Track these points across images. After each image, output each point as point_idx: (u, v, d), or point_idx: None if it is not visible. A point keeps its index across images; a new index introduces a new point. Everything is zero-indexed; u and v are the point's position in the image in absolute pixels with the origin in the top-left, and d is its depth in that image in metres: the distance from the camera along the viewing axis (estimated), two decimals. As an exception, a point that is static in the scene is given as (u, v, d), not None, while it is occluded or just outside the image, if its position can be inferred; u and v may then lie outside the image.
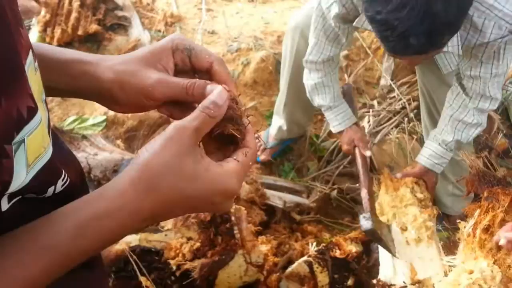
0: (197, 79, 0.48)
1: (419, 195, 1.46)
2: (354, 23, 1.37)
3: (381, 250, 1.36)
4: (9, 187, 0.36)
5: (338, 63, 1.67)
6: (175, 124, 0.42)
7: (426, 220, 1.36)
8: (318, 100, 1.64)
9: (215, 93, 0.45)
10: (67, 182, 0.46)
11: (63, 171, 0.45)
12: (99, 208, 0.40)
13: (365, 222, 1.27)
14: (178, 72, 0.52)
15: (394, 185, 1.49)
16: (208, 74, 0.51)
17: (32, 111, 0.38)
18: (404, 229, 1.37)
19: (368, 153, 1.57)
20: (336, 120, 1.62)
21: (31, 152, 0.38)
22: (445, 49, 1.26)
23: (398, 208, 1.43)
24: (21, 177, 0.37)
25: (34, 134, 0.38)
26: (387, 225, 1.40)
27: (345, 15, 1.38)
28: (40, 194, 0.42)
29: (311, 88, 1.63)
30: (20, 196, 0.40)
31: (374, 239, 1.33)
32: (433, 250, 1.32)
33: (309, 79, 1.63)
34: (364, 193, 1.45)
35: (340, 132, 1.63)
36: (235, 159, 0.44)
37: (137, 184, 0.41)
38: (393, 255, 1.33)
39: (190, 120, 0.42)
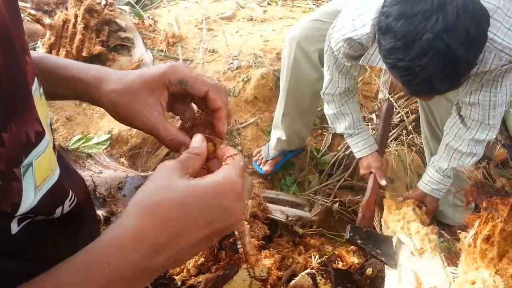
0: (179, 137, 0.52)
1: (420, 217, 1.49)
2: (360, 62, 1.39)
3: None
4: (19, 209, 0.37)
5: (356, 91, 1.71)
6: (164, 163, 0.44)
7: (429, 233, 1.37)
8: (339, 128, 1.69)
9: (194, 140, 0.49)
10: (74, 202, 0.46)
11: (70, 191, 0.46)
12: (97, 249, 0.39)
13: (346, 232, 1.39)
14: (175, 98, 0.54)
15: (397, 205, 1.52)
16: (203, 101, 0.53)
17: (40, 135, 0.39)
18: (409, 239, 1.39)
19: (383, 182, 1.61)
20: (357, 147, 1.66)
21: (39, 175, 0.39)
22: None
23: (402, 222, 1.45)
24: (29, 199, 0.38)
25: (42, 157, 0.39)
26: (388, 238, 1.43)
27: (352, 54, 1.42)
28: (48, 215, 0.43)
29: (332, 117, 1.69)
30: (30, 219, 0.41)
31: (357, 246, 1.43)
32: (437, 261, 1.33)
33: (329, 109, 1.68)
34: (362, 206, 1.50)
35: (361, 158, 1.68)
36: (225, 164, 0.45)
37: (134, 211, 0.40)
38: (382, 261, 1.37)
39: (179, 159, 0.45)
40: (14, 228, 0.39)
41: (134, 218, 0.39)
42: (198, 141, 0.49)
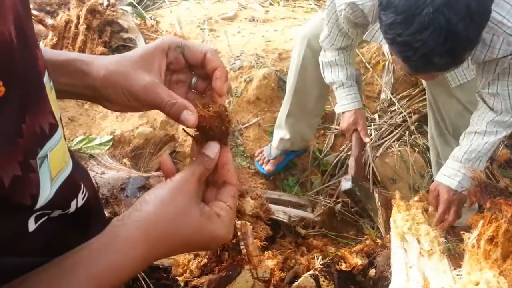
0: (178, 101, 0.50)
1: (429, 219, 1.49)
2: (364, 37, 1.40)
3: (395, 259, 1.37)
4: (38, 201, 0.38)
5: (353, 48, 1.67)
6: (181, 175, 0.47)
7: (438, 236, 1.37)
8: (330, 77, 1.64)
9: (209, 148, 0.51)
10: (86, 196, 0.48)
11: (82, 184, 0.47)
12: (113, 261, 0.41)
13: (345, 183, 1.38)
14: (173, 71, 0.54)
15: (406, 206, 1.52)
16: (202, 67, 0.53)
17: (54, 127, 0.40)
18: (418, 241, 1.39)
19: (367, 140, 1.58)
20: (346, 99, 1.61)
21: (54, 166, 0.40)
22: None
23: (410, 223, 1.45)
24: (46, 191, 0.39)
25: (56, 149, 0.40)
26: (372, 195, 1.47)
27: (353, 20, 1.40)
28: (65, 209, 0.44)
29: (324, 65, 1.64)
30: (46, 217, 0.42)
31: (353, 200, 1.44)
32: (445, 263, 1.33)
33: (324, 57, 1.64)
34: (351, 160, 1.51)
35: (345, 112, 1.62)
36: (228, 205, 0.50)
37: (150, 235, 0.43)
38: (373, 220, 1.36)
39: (192, 172, 0.48)
40: (31, 225, 0.40)
41: (147, 243, 0.43)
42: (212, 151, 0.51)
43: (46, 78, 0.41)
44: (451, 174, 1.46)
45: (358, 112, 1.60)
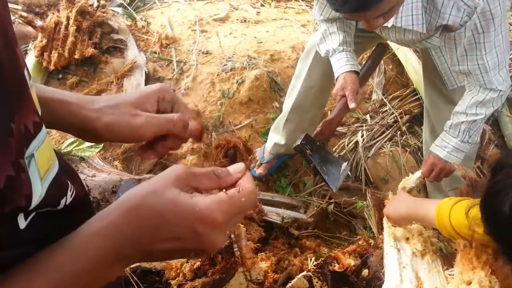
0: (179, 113, 0.57)
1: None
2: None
3: (389, 259, 1.37)
4: (32, 202, 0.38)
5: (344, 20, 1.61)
6: (175, 165, 0.45)
7: (431, 237, 1.38)
8: (324, 48, 1.59)
9: (234, 167, 0.49)
10: (74, 193, 0.48)
11: (69, 182, 0.48)
12: (78, 267, 0.40)
13: (297, 140, 1.41)
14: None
15: None
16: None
17: (38, 125, 0.40)
18: (409, 242, 1.39)
19: (352, 105, 1.48)
20: (339, 64, 1.53)
21: (41, 165, 0.40)
22: (410, 27, 1.28)
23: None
24: (38, 190, 0.39)
25: (42, 148, 0.40)
26: (337, 161, 1.49)
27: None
28: (55, 207, 0.44)
29: (319, 41, 1.61)
30: (35, 212, 0.41)
31: (305, 159, 1.45)
32: (438, 263, 1.34)
33: (318, 33, 1.62)
34: (323, 120, 1.50)
35: (337, 77, 1.53)
36: (225, 192, 0.44)
37: (119, 207, 0.41)
38: (325, 181, 1.41)
39: (192, 167, 0.46)
40: (22, 223, 0.40)
41: (111, 219, 0.41)
42: (238, 167, 0.48)
43: (27, 77, 0.41)
44: (441, 145, 1.54)
45: (347, 76, 1.49)
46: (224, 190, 0.45)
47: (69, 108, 0.53)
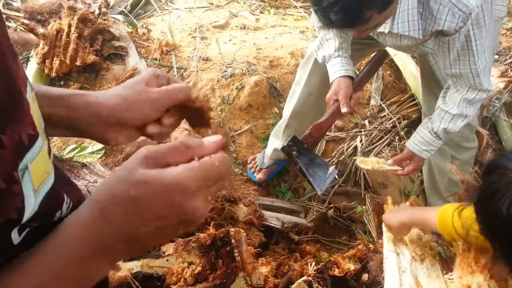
0: (181, 84, 0.59)
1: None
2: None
3: (388, 264, 1.38)
4: (24, 215, 0.38)
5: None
6: (144, 147, 0.43)
7: (429, 241, 1.39)
8: (321, 54, 1.62)
9: (206, 142, 0.46)
10: (70, 206, 0.48)
11: (65, 195, 0.47)
12: (57, 267, 0.40)
13: (284, 141, 1.44)
14: None
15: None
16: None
17: (33, 138, 0.40)
18: (409, 246, 1.40)
19: (344, 110, 1.50)
20: (334, 69, 1.56)
21: (36, 178, 0.40)
22: (406, 33, 1.31)
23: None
24: (31, 203, 0.38)
25: (36, 160, 0.40)
26: (324, 164, 1.51)
27: None
28: (49, 220, 0.44)
29: (317, 48, 1.64)
30: (29, 228, 0.42)
31: (291, 161, 1.47)
32: (437, 268, 1.35)
33: (316, 40, 1.65)
34: (314, 123, 1.51)
35: (332, 82, 1.57)
36: (197, 160, 0.43)
37: (91, 204, 0.41)
38: (310, 183, 1.44)
39: (159, 146, 0.43)
40: (16, 238, 0.39)
41: (87, 210, 0.41)
42: (212, 137, 0.45)
43: (28, 89, 0.41)
44: (418, 141, 1.59)
45: (341, 81, 1.51)
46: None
47: (85, 98, 0.54)
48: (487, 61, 1.38)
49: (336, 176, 1.52)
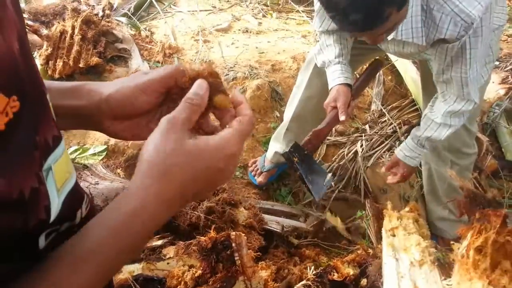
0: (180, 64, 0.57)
1: (420, 230, 1.51)
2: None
3: (387, 269, 1.39)
4: (51, 213, 0.39)
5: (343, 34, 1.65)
6: (167, 117, 0.45)
7: (429, 247, 1.40)
8: (320, 59, 1.62)
9: (195, 85, 0.50)
10: (88, 206, 0.49)
11: (84, 193, 0.49)
12: (127, 210, 0.42)
13: (286, 147, 1.46)
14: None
15: (397, 216, 1.54)
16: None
17: (57, 139, 0.41)
18: (407, 251, 1.41)
19: (342, 118, 1.52)
20: (333, 76, 1.57)
21: (59, 178, 0.41)
22: (410, 40, 1.32)
23: (402, 231, 1.48)
24: (55, 203, 0.39)
25: (59, 161, 0.41)
26: (323, 172, 1.55)
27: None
28: (72, 220, 0.45)
29: (317, 53, 1.66)
30: (56, 233, 0.42)
31: (292, 167, 1.51)
32: (436, 273, 1.36)
33: (317, 45, 1.66)
34: (313, 130, 1.54)
35: (331, 90, 1.58)
36: (228, 127, 0.49)
37: (153, 173, 0.43)
38: (309, 190, 1.45)
39: (179, 111, 0.46)
40: (42, 242, 0.40)
41: (154, 179, 0.43)
42: (199, 86, 0.50)
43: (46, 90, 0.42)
44: (402, 147, 1.65)
45: (340, 89, 1.53)
46: (228, 126, 0.49)
47: (89, 87, 0.54)
48: (477, 71, 1.39)
49: (333, 184, 1.55)
